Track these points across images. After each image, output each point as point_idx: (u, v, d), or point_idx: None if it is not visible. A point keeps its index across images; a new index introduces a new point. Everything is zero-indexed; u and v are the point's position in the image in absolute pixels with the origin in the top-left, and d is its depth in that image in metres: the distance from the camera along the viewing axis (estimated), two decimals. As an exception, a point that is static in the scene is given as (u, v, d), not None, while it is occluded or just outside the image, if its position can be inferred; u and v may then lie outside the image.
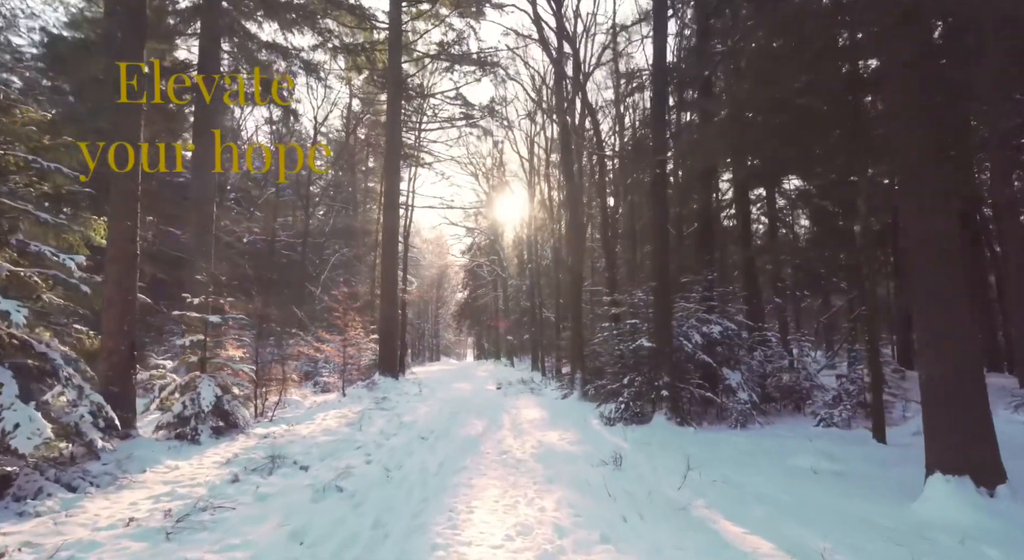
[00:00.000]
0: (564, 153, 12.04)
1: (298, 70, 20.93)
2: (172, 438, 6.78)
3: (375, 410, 10.57)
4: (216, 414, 7.25)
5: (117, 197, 6.45)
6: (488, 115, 18.72)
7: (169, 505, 3.98)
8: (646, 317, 8.96)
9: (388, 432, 7.74)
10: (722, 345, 9.37)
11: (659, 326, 8.51)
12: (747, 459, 5.78)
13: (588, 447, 6.42)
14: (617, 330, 9.17)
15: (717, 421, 9.05)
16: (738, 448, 6.53)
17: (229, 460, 5.71)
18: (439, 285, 49.33)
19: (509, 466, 5.40)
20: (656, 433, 7.47)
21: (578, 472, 4.94)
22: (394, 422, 8.73)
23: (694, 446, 6.58)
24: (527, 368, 27.37)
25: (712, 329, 9.15)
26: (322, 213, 32.03)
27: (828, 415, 8.53)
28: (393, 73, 18.03)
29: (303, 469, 5.30)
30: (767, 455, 6.02)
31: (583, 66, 11.99)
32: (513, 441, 7.02)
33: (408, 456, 5.96)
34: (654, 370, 8.55)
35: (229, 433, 7.26)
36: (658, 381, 8.41)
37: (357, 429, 7.89)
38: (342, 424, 8.50)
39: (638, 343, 8.38)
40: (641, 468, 5.08)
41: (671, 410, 8.30)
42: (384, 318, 17.03)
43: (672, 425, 8.12)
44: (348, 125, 28.53)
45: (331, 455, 6.06)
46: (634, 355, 9.17)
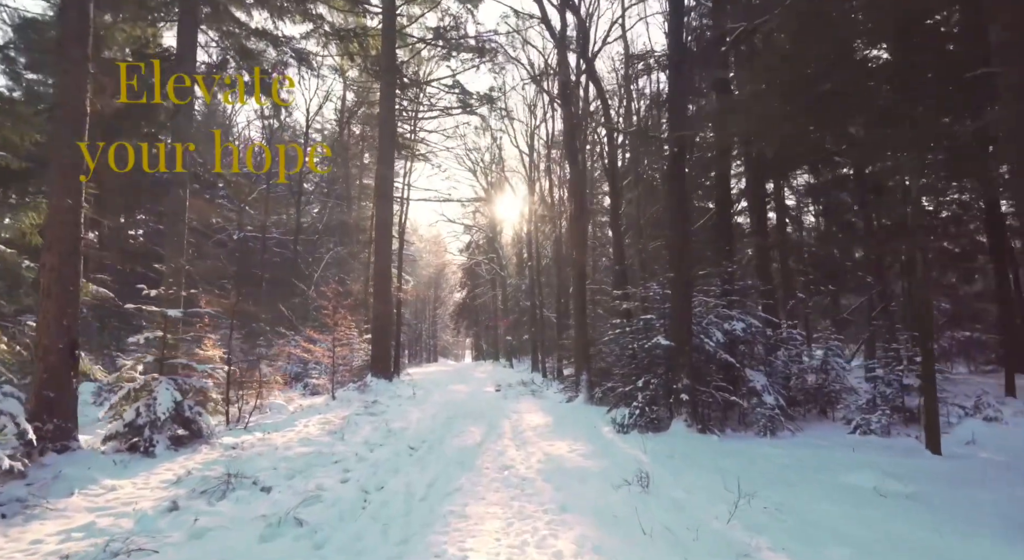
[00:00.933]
0: (567, 137, 11.17)
1: (289, 60, 20.02)
2: (123, 450, 5.88)
3: (363, 415, 9.67)
4: (178, 422, 6.35)
5: (57, 171, 5.55)
6: (487, 103, 17.82)
7: (74, 546, 3.08)
8: (662, 312, 8.07)
9: (374, 442, 6.84)
10: (745, 343, 8.50)
11: (677, 322, 7.63)
12: (793, 477, 4.89)
13: (603, 461, 5.53)
14: (630, 327, 8.28)
15: (739, 427, 8.18)
16: (775, 461, 5.65)
17: (180, 478, 4.81)
18: (437, 285, 48.46)
19: (512, 487, 4.51)
20: (677, 443, 6.59)
21: (598, 496, 4.05)
22: (382, 429, 7.83)
23: (725, 459, 5.70)
24: (527, 369, 26.49)
25: (734, 326, 8.27)
26: (316, 210, 31.15)
27: (864, 421, 7.65)
28: (386, 59, 17.15)
29: (264, 491, 4.40)
30: (814, 471, 5.14)
31: (591, 43, 11.11)
32: (516, 453, 6.13)
33: (392, 473, 5.07)
34: (672, 371, 7.66)
35: (191, 444, 6.36)
36: (676, 383, 7.52)
37: (339, 438, 7.00)
38: (324, 432, 7.60)
39: (654, 341, 7.50)
40: (673, 491, 4.19)
41: (691, 416, 7.42)
42: (377, 316, 16.12)
43: (693, 433, 7.24)
44: (342, 118, 27.64)
45: (302, 472, 5.16)
46: (648, 354, 8.29)
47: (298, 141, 28.54)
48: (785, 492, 4.26)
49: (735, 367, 8.17)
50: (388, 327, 16.42)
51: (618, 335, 8.55)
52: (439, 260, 45.74)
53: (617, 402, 8.36)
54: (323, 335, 14.01)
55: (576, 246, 11.56)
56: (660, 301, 8.09)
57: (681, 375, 7.50)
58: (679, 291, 7.64)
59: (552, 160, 25.01)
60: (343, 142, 28.50)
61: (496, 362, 35.98)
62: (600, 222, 24.30)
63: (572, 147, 11.17)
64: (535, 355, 25.29)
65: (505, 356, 35.38)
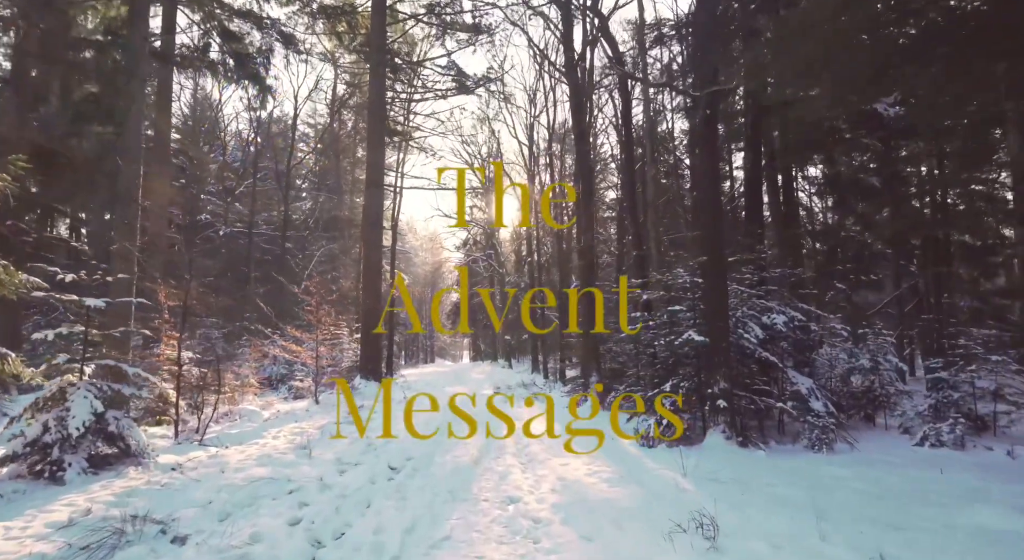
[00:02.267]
0: (574, 111, 9.95)
1: (275, 43, 18.84)
2: (25, 475, 4.63)
3: (344, 424, 8.43)
4: (100, 438, 5.10)
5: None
6: (485, 83, 16.58)
7: None
8: (692, 303, 6.85)
9: (348, 460, 5.59)
10: (786, 339, 7.29)
11: (713, 314, 6.41)
12: (893, 515, 3.68)
13: (636, 489, 4.30)
14: (654, 321, 7.04)
15: (781, 438, 6.98)
16: (853, 488, 4.44)
17: (73, 520, 3.55)
18: (433, 284, 47.23)
19: (521, 535, 3.28)
20: (719, 461, 5.36)
21: (647, 555, 2.82)
22: (361, 443, 6.58)
23: (787, 485, 4.48)
24: (526, 370, 25.30)
25: (775, 319, 7.05)
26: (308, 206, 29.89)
27: (933, 431, 6.45)
28: (376, 37, 15.90)
29: (175, 543, 3.15)
30: (917, 504, 3.93)
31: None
32: (522, 475, 4.90)
33: (361, 510, 3.83)
34: (706, 372, 6.45)
35: (118, 465, 5.10)
36: (712, 387, 6.30)
37: (306, 455, 5.75)
38: (291, 446, 6.35)
39: (685, 336, 6.27)
40: (752, 543, 2.96)
41: (729, 426, 6.20)
42: (366, 312, 14.86)
43: (732, 447, 6.03)
44: (333, 109, 26.38)
45: (243, 507, 3.92)
46: (672, 354, 7.07)
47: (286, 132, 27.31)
48: (901, 544, 3.04)
49: (776, 368, 6.97)
50: (378, 324, 15.16)
51: (639, 330, 7.33)
52: (436, 258, 44.52)
53: (637, 409, 7.13)
54: (306, 334, 12.73)
55: (584, 232, 10.33)
56: (688, 290, 6.86)
57: (717, 377, 6.28)
58: (714, 277, 6.42)
59: (553, 155, 23.79)
60: (334, 133, 27.25)
61: (495, 362, 34.78)
62: (601, 219, 23.05)
63: (579, 122, 9.95)
64: (535, 355, 24.12)
65: (504, 356, 34.17)
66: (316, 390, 12.12)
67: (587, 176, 10.19)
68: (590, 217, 10.41)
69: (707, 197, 6.52)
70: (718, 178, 6.79)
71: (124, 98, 8.53)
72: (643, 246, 8.17)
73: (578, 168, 10.55)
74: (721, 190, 6.71)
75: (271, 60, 18.76)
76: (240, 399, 10.90)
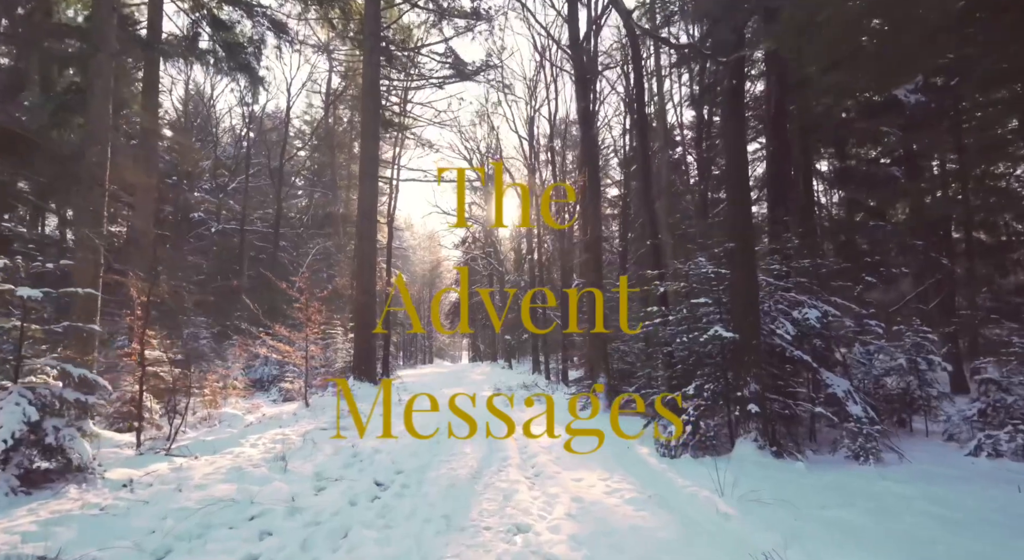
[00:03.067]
0: (580, 94, 9.20)
1: (266, 32, 18.13)
2: (-59, 496, 3.91)
3: (331, 430, 7.71)
4: (38, 450, 4.37)
5: None
6: (484, 70, 15.88)
7: None
8: (717, 296, 6.13)
9: (328, 474, 4.86)
10: (819, 337, 6.57)
11: (742, 307, 5.70)
12: (993, 550, 2.96)
13: (667, 514, 3.58)
14: (673, 316, 6.30)
15: (813, 445, 6.26)
16: (926, 511, 3.72)
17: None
18: (432, 284, 46.49)
19: (534, 580, 2.56)
20: (756, 475, 4.64)
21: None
22: (346, 452, 5.86)
23: (846, 506, 3.78)
24: (527, 371, 24.57)
25: (808, 314, 6.33)
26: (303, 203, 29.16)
27: (990, 440, 5.74)
28: (370, 22, 15.19)
29: (85, 597, 2.44)
30: (1013, 535, 3.21)
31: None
32: (529, 494, 4.17)
33: (333, 544, 3.11)
34: (734, 373, 5.73)
35: (59, 482, 4.37)
36: (742, 389, 5.58)
37: (281, 469, 5.02)
38: (267, 457, 5.63)
39: (712, 333, 5.55)
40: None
41: (762, 434, 5.49)
42: (359, 308, 14.15)
43: (766, 457, 5.31)
44: (327, 102, 25.62)
45: (188, 540, 3.20)
46: (692, 352, 6.35)
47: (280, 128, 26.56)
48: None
49: (809, 368, 6.25)
50: (372, 322, 14.45)
51: (655, 327, 6.60)
52: (434, 256, 43.82)
53: (655, 414, 6.41)
54: (296, 333, 11.98)
55: (590, 223, 9.60)
56: (713, 281, 6.13)
57: (747, 378, 5.56)
58: (742, 266, 5.71)
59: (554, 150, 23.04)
60: (329, 127, 26.50)
61: (494, 363, 34.05)
62: (602, 215, 22.29)
63: (585, 105, 9.21)
64: (536, 355, 23.40)
65: (504, 357, 33.45)
66: (306, 392, 11.39)
67: (593, 162, 9.46)
68: (597, 208, 9.68)
69: (734, 175, 5.80)
70: (745, 154, 6.08)
71: (88, 73, 7.78)
72: (657, 235, 7.46)
73: (583, 154, 9.81)
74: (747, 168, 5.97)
75: (262, 50, 18.06)
76: (223, 402, 10.19)
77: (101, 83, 7.83)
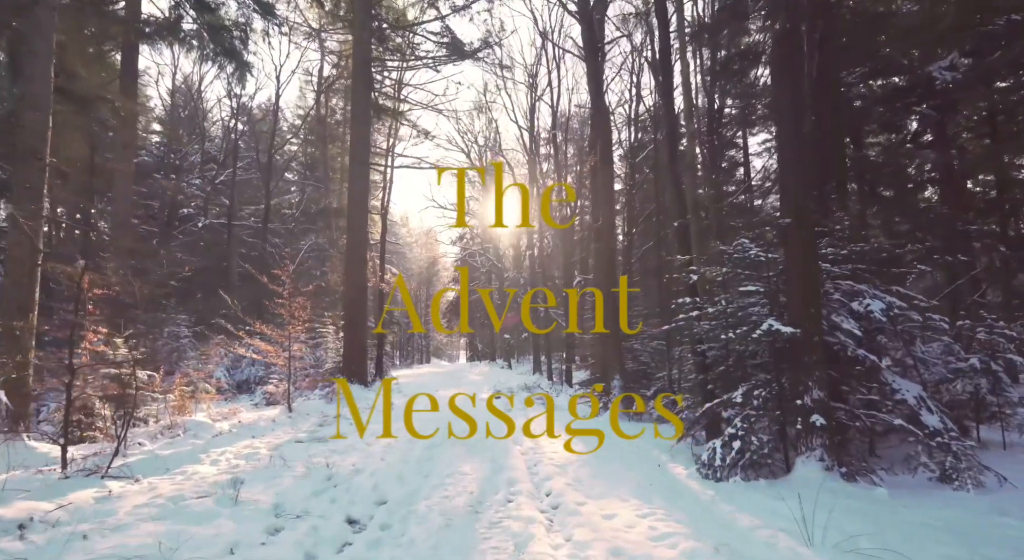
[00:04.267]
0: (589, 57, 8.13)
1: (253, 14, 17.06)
2: None
3: (307, 442, 6.67)
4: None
5: None
6: (483, 49, 14.83)
7: None
8: (768, 284, 5.09)
9: (289, 508, 3.82)
10: (883, 332, 5.56)
11: (800, 296, 4.67)
12: None
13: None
14: (714, 307, 5.25)
15: (875, 461, 5.24)
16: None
17: None
18: (429, 282, 45.40)
19: None
20: (835, 507, 3.60)
21: None
22: (319, 473, 4.81)
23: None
24: (527, 371, 23.57)
25: (871, 305, 5.31)
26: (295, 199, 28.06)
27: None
28: None
29: None
30: None
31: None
32: (549, 541, 3.14)
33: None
34: (793, 376, 4.70)
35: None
36: (802, 397, 4.56)
37: (231, 500, 3.96)
38: (219, 481, 4.57)
39: (765, 327, 4.52)
40: None
41: (829, 451, 4.46)
42: (350, 304, 13.11)
43: (836, 481, 4.29)
44: (318, 90, 24.53)
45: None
46: (728, 351, 5.32)
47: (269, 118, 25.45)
48: None
49: (876, 370, 5.23)
50: (363, 319, 13.40)
51: (687, 321, 5.56)
52: (431, 253, 42.78)
53: (692, 425, 5.37)
54: (277, 330, 10.89)
55: (601, 209, 8.55)
56: (763, 267, 5.09)
57: (809, 383, 4.54)
58: (800, 246, 4.68)
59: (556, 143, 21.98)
60: (320, 117, 25.39)
61: (492, 363, 33.03)
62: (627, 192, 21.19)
63: (595, 73, 8.14)
64: (537, 355, 22.40)
65: (503, 356, 32.44)
66: (289, 396, 10.35)
67: (605, 136, 8.40)
68: (609, 188, 8.62)
69: (789, 134, 4.77)
70: (803, 108, 5.06)
71: (24, 29, 6.70)
72: (686, 214, 6.44)
73: (594, 128, 8.74)
74: (803, 124, 4.91)
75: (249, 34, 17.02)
76: (194, 408, 9.16)
77: (43, 42, 6.75)
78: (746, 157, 17.27)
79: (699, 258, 6.52)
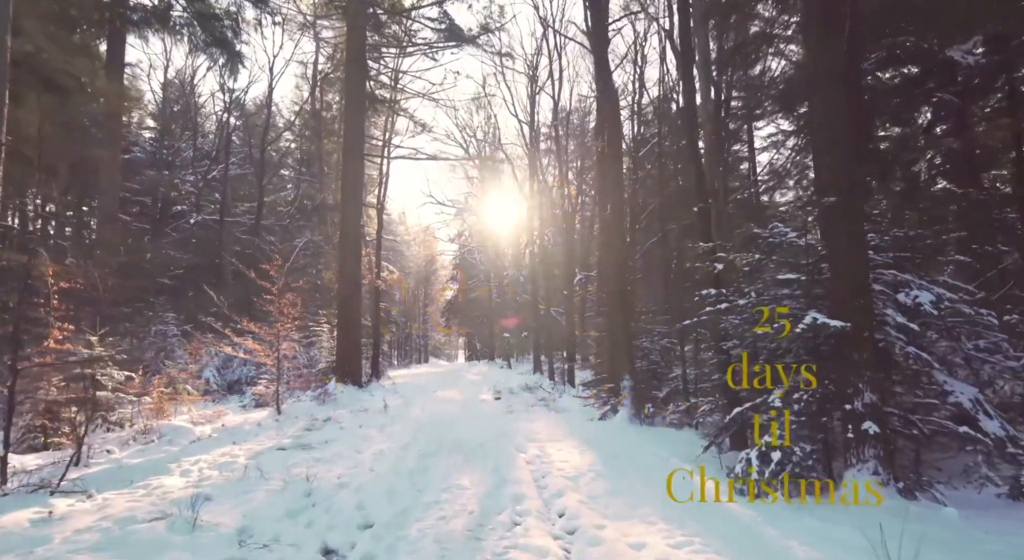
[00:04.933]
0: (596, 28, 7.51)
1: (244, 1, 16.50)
2: None
3: (289, 449, 6.06)
4: None
5: None
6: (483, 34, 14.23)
7: None
8: (808, 270, 4.50)
9: (256, 533, 3.22)
10: (933, 328, 4.98)
11: (847, 286, 4.08)
12: None
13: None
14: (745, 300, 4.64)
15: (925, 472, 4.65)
16: None
17: None
18: (427, 280, 44.78)
19: None
20: (908, 532, 3.01)
21: None
22: (296, 488, 4.20)
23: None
24: (527, 370, 22.95)
25: (919, 297, 4.72)
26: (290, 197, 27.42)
27: None
28: (355, -19, 13.53)
29: None
30: None
31: None
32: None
33: None
34: (840, 376, 4.11)
35: None
36: (852, 400, 3.97)
37: (188, 525, 3.36)
38: (183, 497, 3.95)
39: (809, 321, 3.93)
40: None
41: (883, 463, 3.87)
42: (343, 301, 12.49)
43: (895, 498, 3.72)
44: (313, 83, 23.89)
45: None
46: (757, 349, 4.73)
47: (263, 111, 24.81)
48: None
49: (930, 367, 4.64)
50: (357, 316, 12.79)
51: (712, 315, 4.95)
52: (428, 251, 42.15)
53: (720, 432, 4.78)
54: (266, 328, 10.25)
55: (609, 192, 7.94)
56: (801, 254, 4.50)
57: (860, 385, 3.95)
58: (847, 230, 4.10)
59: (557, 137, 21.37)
60: (315, 112, 24.75)
61: (491, 362, 32.41)
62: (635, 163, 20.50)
63: (601, 52, 7.53)
64: (537, 354, 21.79)
65: (502, 356, 31.83)
66: (278, 398, 9.72)
67: (614, 120, 7.77)
68: (617, 175, 8.01)
69: (831, 101, 4.17)
70: (849, 73, 4.47)
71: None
72: (707, 197, 5.86)
73: (600, 113, 8.09)
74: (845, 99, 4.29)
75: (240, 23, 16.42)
76: (174, 410, 8.56)
77: None
78: (751, 151, 16.73)
79: (722, 245, 5.92)
